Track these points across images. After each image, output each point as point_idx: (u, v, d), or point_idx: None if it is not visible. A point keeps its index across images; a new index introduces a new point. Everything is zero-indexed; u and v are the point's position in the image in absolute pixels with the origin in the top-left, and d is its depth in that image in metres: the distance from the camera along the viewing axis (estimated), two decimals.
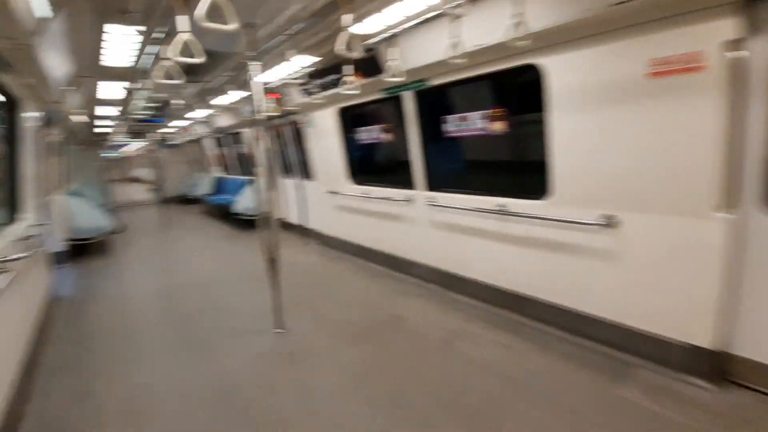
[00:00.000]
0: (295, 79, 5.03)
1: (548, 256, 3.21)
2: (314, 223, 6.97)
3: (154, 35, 3.18)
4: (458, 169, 4.30)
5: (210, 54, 4.63)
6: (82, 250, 6.79)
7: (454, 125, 3.83)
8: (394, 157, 5.13)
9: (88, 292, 4.89)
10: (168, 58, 2.43)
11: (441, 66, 3.33)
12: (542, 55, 2.86)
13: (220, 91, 6.15)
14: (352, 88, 3.84)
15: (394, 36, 3.39)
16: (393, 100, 4.57)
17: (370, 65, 4.02)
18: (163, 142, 12.64)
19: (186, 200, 13.78)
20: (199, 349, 3.25)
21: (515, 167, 3.68)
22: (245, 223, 8.24)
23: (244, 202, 8.02)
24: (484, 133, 3.58)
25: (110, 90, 5.77)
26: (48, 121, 5.31)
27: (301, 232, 7.43)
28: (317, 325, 3.61)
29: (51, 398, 2.66)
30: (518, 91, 3.47)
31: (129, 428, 2.37)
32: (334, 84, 4.58)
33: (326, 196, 5.99)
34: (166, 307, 4.29)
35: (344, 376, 2.80)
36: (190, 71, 5.53)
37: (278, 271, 3.48)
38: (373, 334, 3.39)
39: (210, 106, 7.71)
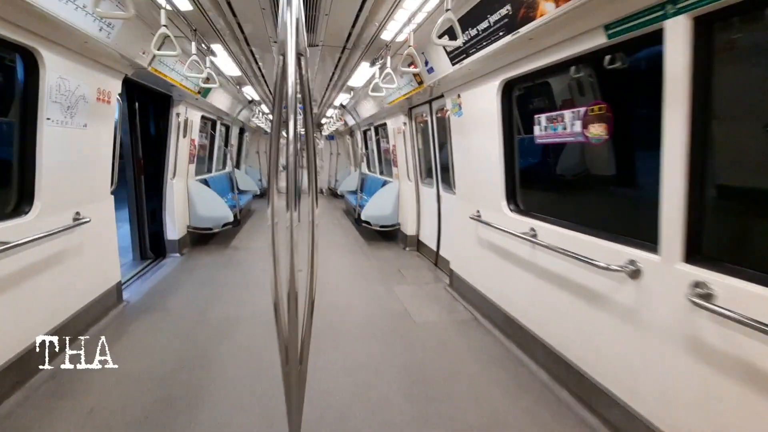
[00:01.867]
0: (423, 24, 3.03)
1: None
2: (447, 253, 4.94)
3: None
4: None
5: None
6: (201, 239, 6.38)
7: None
8: (607, 174, 2.64)
9: (154, 298, 4.03)
10: None
11: None
12: None
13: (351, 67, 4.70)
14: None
15: None
16: (624, 54, 2.15)
17: None
18: (321, 132, 12.44)
19: (335, 194, 13.44)
20: None
21: None
22: (378, 232, 6.76)
23: (372, 208, 6.49)
24: None
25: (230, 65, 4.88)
26: (132, 95, 4.50)
27: (434, 259, 5.51)
28: None
29: None
30: None
31: None
32: (496, 34, 2.46)
33: (467, 220, 3.86)
34: (198, 362, 2.90)
35: None
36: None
37: (303, 383, 1.55)
38: None
39: (348, 89, 6.45)
